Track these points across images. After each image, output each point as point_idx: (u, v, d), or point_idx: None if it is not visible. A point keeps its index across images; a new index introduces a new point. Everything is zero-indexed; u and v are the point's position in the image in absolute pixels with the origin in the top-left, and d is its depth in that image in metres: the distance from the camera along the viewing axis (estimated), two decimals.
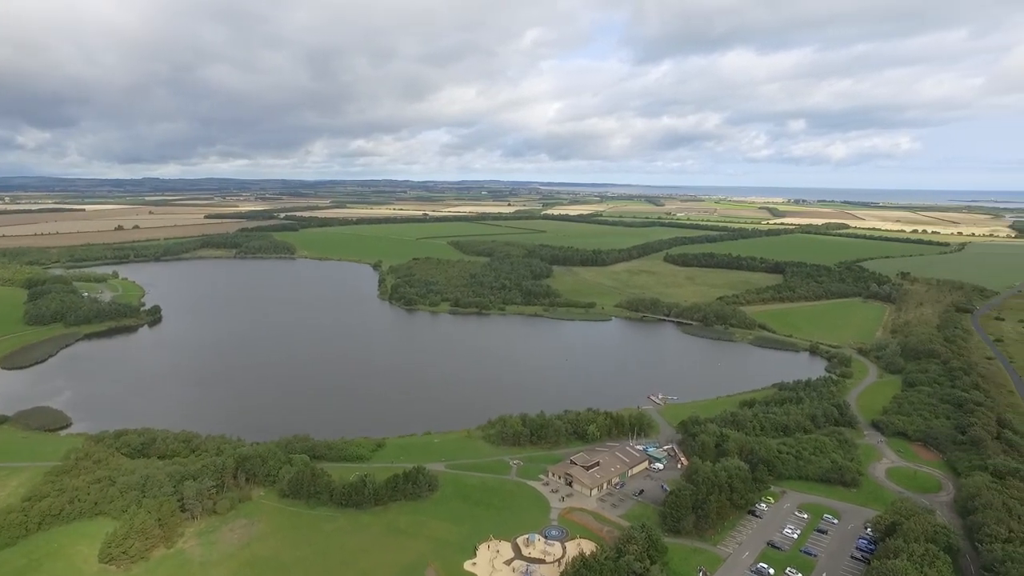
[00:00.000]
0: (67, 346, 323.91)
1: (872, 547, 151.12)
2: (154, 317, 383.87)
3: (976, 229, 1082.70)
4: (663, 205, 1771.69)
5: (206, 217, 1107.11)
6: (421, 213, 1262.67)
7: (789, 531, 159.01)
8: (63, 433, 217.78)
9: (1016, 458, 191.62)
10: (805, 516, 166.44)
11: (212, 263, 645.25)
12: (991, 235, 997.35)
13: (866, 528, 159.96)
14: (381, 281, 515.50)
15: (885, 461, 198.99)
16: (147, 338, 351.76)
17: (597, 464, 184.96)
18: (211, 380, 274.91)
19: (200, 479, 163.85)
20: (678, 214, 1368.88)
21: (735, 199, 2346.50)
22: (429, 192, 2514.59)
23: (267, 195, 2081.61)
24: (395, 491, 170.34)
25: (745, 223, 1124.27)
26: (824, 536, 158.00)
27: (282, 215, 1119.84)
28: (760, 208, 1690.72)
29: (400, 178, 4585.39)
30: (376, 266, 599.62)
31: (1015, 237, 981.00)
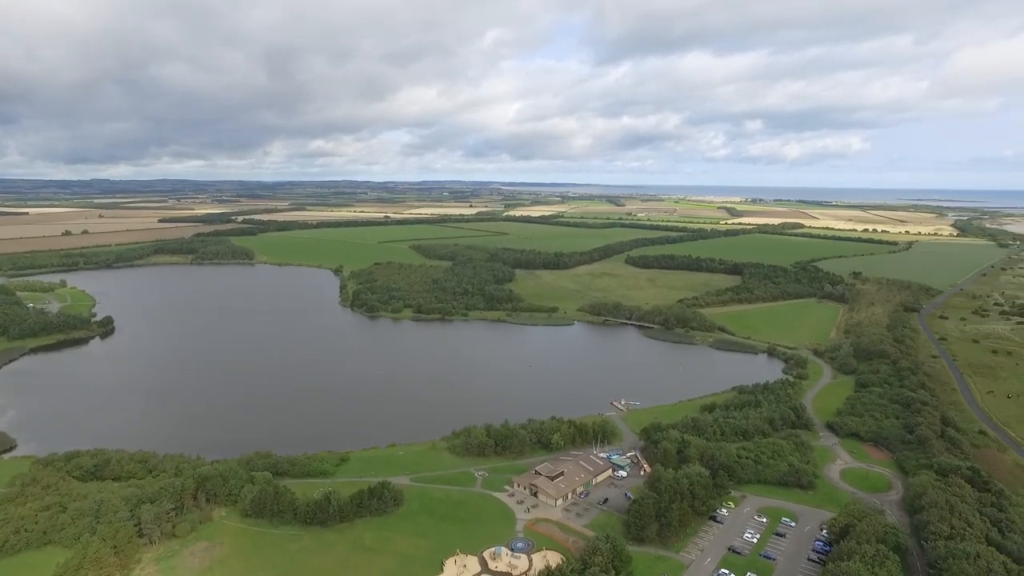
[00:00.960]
0: (11, 361, 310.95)
1: (827, 548, 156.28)
2: (106, 329, 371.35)
3: (922, 228, 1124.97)
4: (624, 205, 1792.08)
5: (160, 221, 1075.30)
6: (382, 215, 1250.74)
7: (749, 536, 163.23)
8: (7, 456, 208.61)
9: (958, 455, 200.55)
10: (764, 520, 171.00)
11: (167, 270, 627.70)
12: (935, 234, 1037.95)
13: (822, 530, 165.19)
14: (342, 287, 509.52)
15: (839, 462, 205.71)
16: (99, 351, 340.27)
17: (562, 474, 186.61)
18: (168, 395, 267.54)
19: (158, 502, 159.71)
20: (639, 214, 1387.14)
21: (694, 198, 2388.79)
22: (390, 193, 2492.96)
23: (224, 197, 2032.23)
24: (360, 507, 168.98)
25: (704, 223, 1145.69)
26: (782, 539, 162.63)
27: (240, 219, 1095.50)
28: (719, 208, 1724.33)
29: (360, 179, 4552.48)
30: (337, 271, 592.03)
31: (957, 236, 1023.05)
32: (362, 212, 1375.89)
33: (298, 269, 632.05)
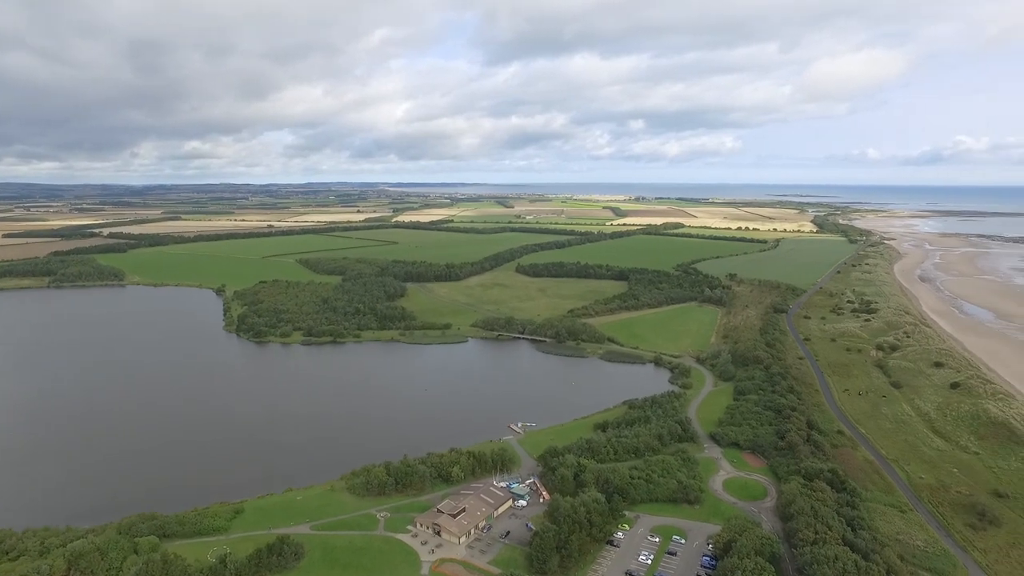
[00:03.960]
0: None
1: (714, 562, 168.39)
2: None
3: (787, 225, 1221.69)
4: (512, 207, 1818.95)
5: (6, 236, 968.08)
6: (266, 225, 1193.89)
7: (644, 557, 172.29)
8: None
9: (821, 458, 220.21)
10: (657, 539, 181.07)
11: (18, 296, 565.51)
12: (798, 231, 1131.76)
13: (708, 545, 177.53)
14: (226, 310, 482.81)
15: (722, 473, 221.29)
16: None
17: (463, 510, 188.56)
18: (25, 455, 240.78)
19: None
20: (527, 217, 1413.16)
21: (580, 197, 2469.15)
22: (273, 198, 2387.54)
23: (85, 205, 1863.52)
24: (259, 566, 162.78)
25: (591, 224, 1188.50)
26: (674, 558, 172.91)
27: (106, 232, 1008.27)
28: (604, 207, 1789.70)
29: (241, 181, 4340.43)
30: (219, 292, 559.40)
31: (816, 232, 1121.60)
32: (244, 220, 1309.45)
33: (176, 290, 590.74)
